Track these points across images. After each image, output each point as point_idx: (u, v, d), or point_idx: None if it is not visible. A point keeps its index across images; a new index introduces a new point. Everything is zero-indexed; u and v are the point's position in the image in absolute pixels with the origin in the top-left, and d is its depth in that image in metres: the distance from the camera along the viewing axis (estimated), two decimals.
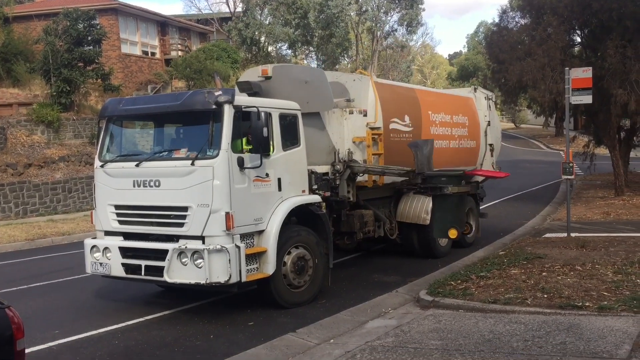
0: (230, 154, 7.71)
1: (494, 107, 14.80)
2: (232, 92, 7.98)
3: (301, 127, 8.91)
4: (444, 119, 12.66)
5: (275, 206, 8.31)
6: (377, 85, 10.75)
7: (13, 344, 4.19)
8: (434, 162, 12.10)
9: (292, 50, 43.22)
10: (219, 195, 7.59)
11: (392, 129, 10.99)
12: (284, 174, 8.50)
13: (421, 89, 13.99)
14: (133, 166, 8.21)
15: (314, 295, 8.78)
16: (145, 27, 35.12)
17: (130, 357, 6.66)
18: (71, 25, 24.21)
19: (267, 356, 6.53)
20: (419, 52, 70.15)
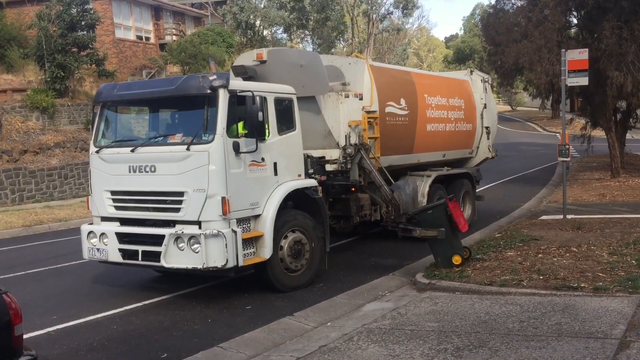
0: (226, 138, 7.68)
1: (490, 90, 14.76)
2: (226, 77, 7.93)
3: (297, 111, 8.88)
4: (440, 102, 12.57)
5: (271, 190, 8.30)
6: (372, 69, 10.68)
7: (11, 329, 4.21)
8: (430, 146, 12.19)
9: (288, 34, 42.97)
10: (214, 180, 7.58)
11: (388, 112, 10.93)
12: (280, 158, 8.48)
13: (417, 72, 13.89)
14: (128, 152, 8.17)
15: (311, 279, 8.80)
16: (139, 11, 34.84)
17: (129, 341, 6.69)
18: (64, 10, 24.02)
19: (265, 339, 6.57)
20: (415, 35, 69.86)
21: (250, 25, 38.82)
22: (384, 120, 10.74)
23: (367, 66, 10.50)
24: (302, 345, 6.29)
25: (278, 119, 8.54)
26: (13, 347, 4.23)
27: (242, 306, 7.92)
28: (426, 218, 8.95)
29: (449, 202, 8.79)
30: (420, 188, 11.49)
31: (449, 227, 8.74)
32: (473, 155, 14.15)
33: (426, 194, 11.42)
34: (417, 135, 11.70)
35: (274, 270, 8.32)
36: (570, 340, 5.76)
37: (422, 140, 11.91)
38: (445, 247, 8.79)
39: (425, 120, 11.97)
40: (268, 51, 9.58)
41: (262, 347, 6.34)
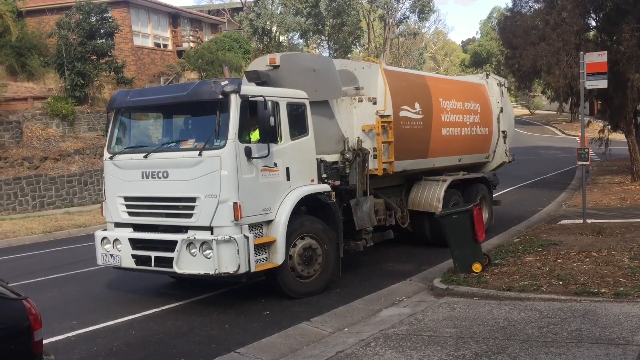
0: (238, 144, 7.69)
1: (506, 94, 14.57)
2: (238, 82, 7.93)
3: (309, 116, 8.86)
4: (455, 106, 12.44)
5: (284, 196, 8.26)
6: (386, 73, 10.59)
7: (31, 334, 4.24)
8: (445, 150, 11.98)
9: (304, 40, 43.07)
10: (226, 185, 7.58)
11: (402, 116, 10.80)
12: (293, 163, 8.45)
13: (432, 76, 13.79)
14: (141, 157, 8.22)
15: (324, 285, 8.73)
16: (157, 19, 35.20)
17: (147, 346, 6.73)
18: (84, 18, 24.33)
19: (282, 345, 6.57)
20: (431, 39, 69.63)
21: (267, 32, 38.99)
22: (398, 124, 10.64)
23: (381, 70, 10.45)
24: (319, 350, 6.28)
25: (290, 124, 8.51)
26: (33, 352, 4.26)
27: (259, 312, 7.93)
28: (450, 222, 8.86)
29: (475, 209, 8.74)
30: (436, 193, 11.32)
31: (472, 234, 8.67)
32: (489, 159, 13.97)
33: (441, 199, 11.23)
34: (432, 139, 11.57)
35: (284, 276, 8.25)
36: (590, 347, 5.68)
37: (437, 145, 11.76)
38: (466, 253, 8.72)
39: (440, 124, 11.84)
40: (281, 56, 9.60)
41: (279, 353, 6.34)
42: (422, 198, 11.36)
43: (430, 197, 11.31)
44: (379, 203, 10.52)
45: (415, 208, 11.40)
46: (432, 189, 11.39)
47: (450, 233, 8.84)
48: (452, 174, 12.12)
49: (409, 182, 11.65)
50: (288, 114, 8.48)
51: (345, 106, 9.98)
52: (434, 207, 11.15)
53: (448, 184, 11.54)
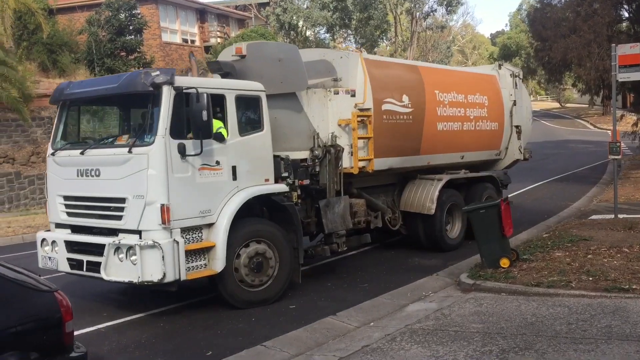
0: (169, 140, 7.08)
1: (521, 85, 13.51)
2: (171, 72, 7.26)
3: (265, 110, 8.20)
4: (455, 98, 11.44)
5: (228, 197, 7.62)
6: (368, 63, 9.74)
7: (62, 326, 4.36)
8: (442, 147, 11.12)
9: (330, 34, 43.00)
10: (154, 185, 7.00)
11: (386, 110, 9.88)
12: (241, 161, 7.81)
13: (426, 66, 12.63)
14: (78, 154, 7.73)
15: (277, 295, 8.06)
16: (185, 15, 35.50)
17: (175, 339, 6.83)
18: (113, 15, 24.70)
19: (308, 338, 6.60)
20: (459, 32, 68.86)
21: (293, 26, 39.03)
22: (380, 118, 9.72)
23: (361, 60, 9.57)
24: (344, 345, 6.29)
25: (240, 118, 7.91)
26: (64, 343, 4.39)
27: (285, 306, 7.97)
28: (478, 217, 8.76)
29: (502, 203, 8.64)
30: (430, 193, 10.44)
31: (499, 228, 8.57)
32: (501, 156, 12.97)
33: (435, 200, 10.36)
34: (424, 135, 10.66)
35: (226, 284, 7.60)
36: (620, 344, 5.59)
37: (432, 141, 10.87)
38: (494, 248, 8.63)
39: (435, 118, 10.90)
40: (247, 45, 9.01)
41: (305, 347, 6.37)
42: (415, 198, 10.58)
43: (423, 197, 10.49)
44: (358, 204, 9.69)
45: (408, 209, 10.65)
46: (426, 189, 10.58)
47: (477, 228, 8.75)
48: (453, 173, 11.39)
49: (403, 181, 10.93)
50: (237, 108, 7.87)
51: (319, 98, 9.16)
52: (426, 209, 10.41)
53: (443, 183, 10.68)
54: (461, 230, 11.26)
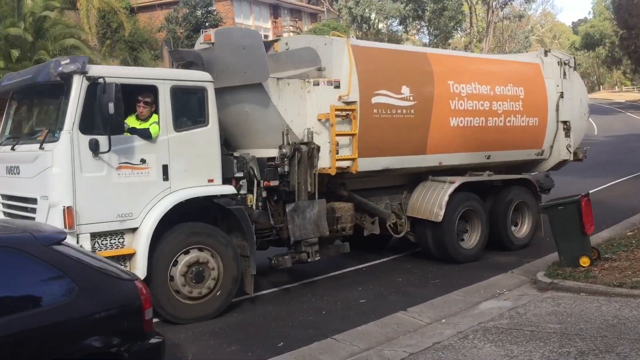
0: (78, 135, 6.45)
1: (573, 75, 11.70)
2: (82, 60, 6.59)
3: (212, 103, 7.43)
4: (477, 90, 10.02)
5: (157, 199, 6.90)
6: (356, 50, 8.64)
7: (142, 313, 4.53)
8: (457, 145, 9.85)
9: (403, 26, 42.53)
10: (57, 185, 6.43)
11: (378, 103, 8.72)
12: (176, 159, 7.07)
13: (439, 54, 11.32)
14: (9, 150, 7.31)
15: (219, 309, 7.34)
16: (259, 10, 36.11)
17: (247, 329, 6.98)
18: (190, 12, 25.45)
19: (378, 333, 6.59)
20: (538, 21, 66.48)
21: (366, 19, 38.88)
22: (368, 113, 8.61)
23: (348, 46, 8.53)
24: (415, 340, 6.24)
25: (177, 112, 7.18)
26: (144, 330, 4.55)
27: (355, 299, 7.98)
28: (556, 214, 8.42)
29: (582, 199, 8.29)
30: (439, 197, 9.29)
31: (579, 226, 8.23)
32: (545, 156, 11.37)
33: (444, 205, 9.20)
34: (432, 131, 9.41)
35: (156, 294, 6.64)
36: None
37: (442, 139, 9.59)
38: (573, 246, 8.29)
39: (446, 113, 9.58)
40: (215, 32, 8.28)
41: (375, 341, 6.37)
42: (423, 203, 9.45)
43: (432, 201, 9.36)
44: (343, 208, 8.73)
45: (415, 214, 9.51)
46: (436, 193, 9.42)
47: (555, 225, 8.43)
48: (476, 174, 10.17)
49: (413, 183, 9.83)
50: (173, 101, 7.12)
51: (294, 90, 8.18)
52: (434, 215, 9.25)
53: (455, 186, 9.47)
54: (479, 240, 9.94)
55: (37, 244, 4.25)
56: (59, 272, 4.23)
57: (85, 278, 4.33)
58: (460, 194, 9.60)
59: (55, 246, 4.36)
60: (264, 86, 7.95)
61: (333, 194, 8.80)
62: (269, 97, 8.01)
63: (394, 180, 9.75)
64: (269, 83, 7.98)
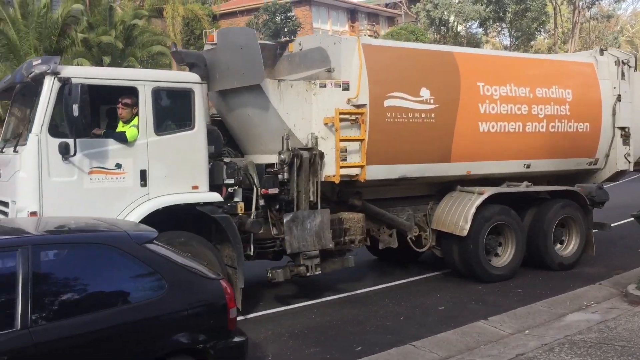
0: (47, 138, 6.22)
1: (635, 75, 10.61)
2: (53, 61, 6.37)
3: (199, 106, 7.06)
4: (513, 92, 9.24)
5: (134, 207, 6.59)
6: (367, 49, 8.11)
7: (227, 312, 4.67)
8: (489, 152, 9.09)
9: (483, 29, 41.56)
10: (22, 190, 6.22)
11: (392, 106, 8.15)
12: (156, 164, 6.73)
13: (468, 53, 10.29)
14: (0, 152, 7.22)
15: None
16: (336, 15, 36.35)
17: (326, 332, 7.02)
18: (270, 18, 25.95)
19: (458, 342, 6.47)
20: (628, 21, 63.23)
21: (444, 22, 38.25)
22: (380, 117, 8.07)
23: (358, 46, 8.02)
24: (497, 351, 6.08)
25: (160, 114, 6.86)
26: (228, 329, 4.69)
27: (433, 306, 7.87)
28: None
29: None
30: (465, 210, 8.60)
31: None
32: (599, 166, 10.36)
33: (470, 219, 8.48)
34: (456, 137, 8.69)
35: None
36: None
37: (470, 145, 8.84)
38: None
39: (475, 117, 8.85)
40: (217, 32, 8.00)
41: (455, 350, 6.25)
42: (449, 215, 8.81)
43: (457, 214, 8.68)
44: (352, 219, 8.23)
45: (439, 228, 8.93)
46: (463, 204, 8.73)
47: None
48: (514, 185, 9.39)
49: (441, 193, 9.20)
50: (155, 103, 6.81)
51: (297, 93, 7.76)
52: (458, 229, 8.59)
53: (484, 198, 8.71)
54: (514, 258, 9.11)
55: (131, 242, 4.47)
56: (150, 270, 4.44)
57: (174, 276, 4.51)
58: (491, 206, 8.88)
59: (147, 244, 4.57)
60: (262, 88, 7.59)
61: (345, 204, 8.34)
62: (268, 100, 7.65)
63: (418, 189, 9.14)
64: (269, 85, 7.63)
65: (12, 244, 4.08)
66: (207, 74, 7.69)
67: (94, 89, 6.42)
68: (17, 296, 3.80)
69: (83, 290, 4.26)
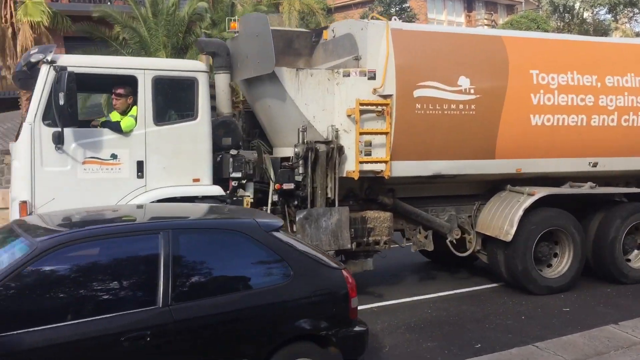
0: (41, 127, 6.19)
1: None
2: (49, 50, 6.37)
3: (203, 95, 6.86)
4: (575, 81, 8.25)
5: (129, 198, 6.50)
6: (396, 35, 7.45)
7: (348, 301, 4.74)
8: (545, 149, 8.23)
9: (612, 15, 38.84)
10: (16, 179, 6.29)
11: (423, 97, 7.50)
12: (154, 155, 6.59)
13: (521, 36, 9.25)
14: None
15: None
16: (452, 4, 35.46)
17: (442, 327, 6.93)
18: (385, 10, 25.80)
19: (586, 345, 6.14)
20: None
21: (569, 8, 36.17)
22: (409, 108, 7.46)
23: (387, 31, 7.40)
24: (630, 358, 5.74)
25: (160, 104, 6.72)
26: (349, 318, 4.77)
27: (557, 307, 7.53)
28: None
29: None
30: (511, 212, 7.88)
31: None
32: None
33: (515, 223, 7.75)
34: (502, 131, 7.94)
35: None
36: None
37: (519, 140, 8.08)
38: None
39: (526, 109, 8.02)
40: (240, 19, 7.76)
41: (582, 354, 5.95)
42: (494, 217, 8.10)
43: (503, 217, 7.97)
44: (378, 218, 7.70)
45: (483, 231, 8.27)
46: (510, 206, 7.99)
47: None
48: (577, 185, 8.46)
49: (490, 193, 8.51)
50: (156, 92, 6.65)
51: (319, 82, 7.35)
52: (503, 233, 7.87)
53: (534, 199, 7.92)
54: (571, 268, 8.18)
55: (260, 230, 4.64)
56: (277, 257, 4.59)
57: (299, 263, 4.64)
58: (543, 209, 8.07)
59: (274, 232, 4.73)
60: (279, 78, 7.26)
61: (375, 202, 7.87)
62: (285, 90, 7.30)
63: (462, 188, 8.49)
64: (285, 74, 7.27)
65: (154, 228, 4.38)
66: (229, 63, 7.56)
67: (94, 78, 6.52)
68: (159, 276, 4.07)
69: (216, 273, 4.48)
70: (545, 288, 8.06)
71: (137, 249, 4.26)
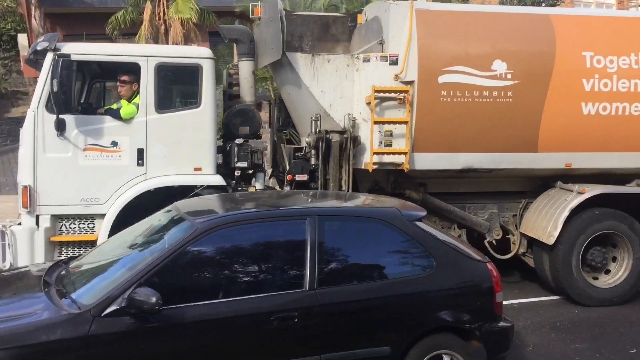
0: (43, 114, 6.29)
1: None
2: (53, 38, 6.44)
3: (207, 83, 6.67)
4: (638, 64, 7.32)
5: (129, 186, 6.45)
6: (421, 15, 6.95)
7: (493, 295, 4.62)
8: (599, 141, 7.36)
9: None
10: (21, 164, 6.44)
11: (449, 82, 6.91)
12: (155, 143, 6.52)
13: (573, 14, 8.43)
14: None
15: None
16: None
17: (592, 329, 6.53)
18: None
19: None
20: None
21: None
22: (434, 95, 6.91)
23: (411, 12, 6.91)
24: None
25: (162, 91, 6.64)
26: (494, 312, 4.63)
27: None
28: None
29: None
30: (557, 213, 7.11)
31: None
32: None
33: (560, 224, 7.00)
34: (545, 121, 7.15)
35: None
36: None
37: (567, 131, 7.27)
38: None
39: (577, 96, 7.18)
40: (263, 4, 7.36)
41: None
42: (539, 218, 7.33)
43: (548, 217, 7.19)
44: None
45: (527, 232, 7.53)
46: (556, 205, 7.21)
47: None
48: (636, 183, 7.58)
49: (540, 189, 7.76)
50: (159, 79, 6.56)
51: (337, 68, 7.05)
52: (545, 235, 7.11)
53: (583, 198, 7.10)
54: (628, 278, 7.29)
55: (403, 219, 4.64)
56: (420, 246, 4.57)
57: (442, 254, 4.59)
58: (594, 210, 7.21)
59: (417, 222, 4.71)
60: (293, 64, 7.05)
61: (402, 196, 7.25)
62: (299, 77, 7.06)
63: (506, 184, 7.82)
64: (299, 60, 7.04)
65: (302, 213, 4.53)
66: (253, 50, 7.40)
67: (100, 65, 6.82)
68: (306, 260, 4.21)
69: (359, 259, 4.54)
70: (596, 300, 7.27)
71: (286, 233, 4.43)
